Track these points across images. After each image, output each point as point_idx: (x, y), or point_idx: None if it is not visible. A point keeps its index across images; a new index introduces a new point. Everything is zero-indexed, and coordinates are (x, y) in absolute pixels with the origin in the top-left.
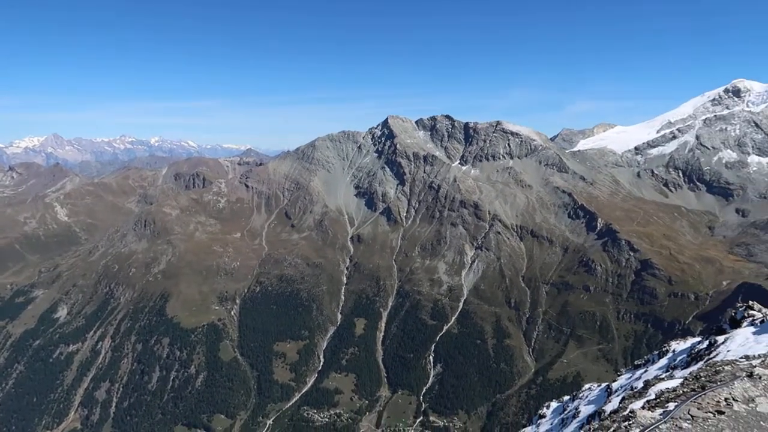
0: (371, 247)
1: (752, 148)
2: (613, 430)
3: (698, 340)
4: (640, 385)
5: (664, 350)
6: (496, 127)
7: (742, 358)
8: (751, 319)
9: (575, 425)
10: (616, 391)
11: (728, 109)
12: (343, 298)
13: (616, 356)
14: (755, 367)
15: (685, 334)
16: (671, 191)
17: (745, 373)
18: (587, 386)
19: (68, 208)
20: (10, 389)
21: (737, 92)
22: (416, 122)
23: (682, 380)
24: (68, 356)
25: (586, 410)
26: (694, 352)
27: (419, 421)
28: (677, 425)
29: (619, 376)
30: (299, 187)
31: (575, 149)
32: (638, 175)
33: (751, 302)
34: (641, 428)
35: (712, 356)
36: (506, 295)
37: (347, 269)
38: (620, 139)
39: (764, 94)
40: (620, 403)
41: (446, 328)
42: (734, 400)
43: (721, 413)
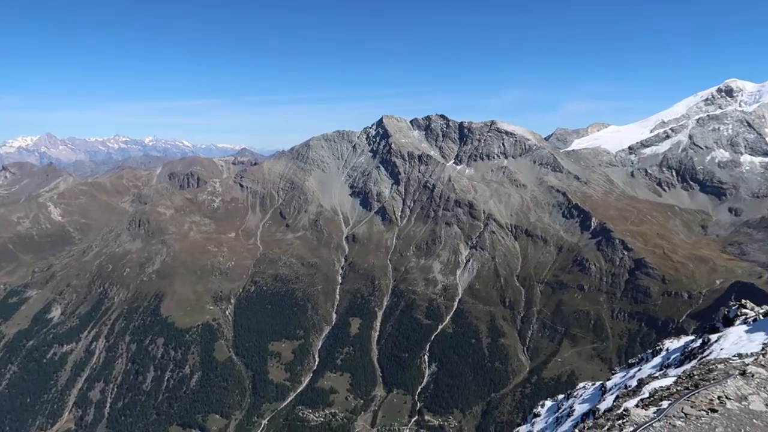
0: (366, 246)
1: (745, 147)
2: (607, 428)
3: (692, 338)
4: (634, 383)
5: (657, 349)
6: (490, 126)
7: (735, 356)
8: (743, 317)
9: (570, 424)
10: (610, 389)
11: (721, 108)
12: (338, 297)
13: (610, 355)
14: (748, 365)
15: (678, 332)
16: (665, 190)
17: (738, 371)
18: (582, 385)
19: (62, 207)
20: (3, 390)
21: (730, 92)
22: (411, 122)
23: (675, 378)
24: (62, 356)
25: (580, 409)
26: (687, 350)
27: (414, 420)
28: (671, 423)
29: (613, 374)
30: (294, 186)
31: (569, 149)
32: (632, 174)
33: (743, 301)
34: (635, 426)
35: (705, 355)
36: (501, 294)
37: (342, 269)
38: (614, 138)
39: (756, 93)
40: (614, 401)
41: (441, 327)
42: (727, 398)
43: (714, 411)
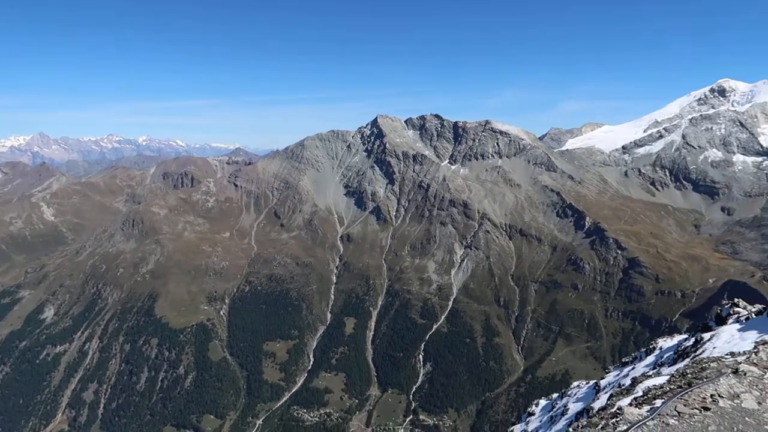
0: (361, 246)
1: (737, 147)
2: (601, 427)
3: (685, 337)
4: (627, 382)
5: (651, 347)
6: (485, 126)
7: (727, 354)
8: (736, 316)
9: (564, 422)
10: (604, 388)
11: (714, 108)
12: (332, 297)
13: (604, 354)
14: (740, 363)
15: (672, 331)
16: (658, 190)
17: (730, 369)
18: (576, 384)
19: (55, 207)
20: None
21: (723, 92)
22: (405, 121)
23: (668, 377)
24: (55, 357)
25: (574, 407)
26: (680, 349)
27: (409, 419)
28: (664, 422)
29: (607, 373)
30: (288, 186)
31: (563, 148)
32: (625, 174)
33: (736, 300)
34: (629, 425)
35: (698, 353)
36: (495, 293)
37: (337, 268)
38: (608, 138)
39: (749, 93)
40: (608, 400)
41: (436, 326)
42: (720, 396)
43: (707, 409)
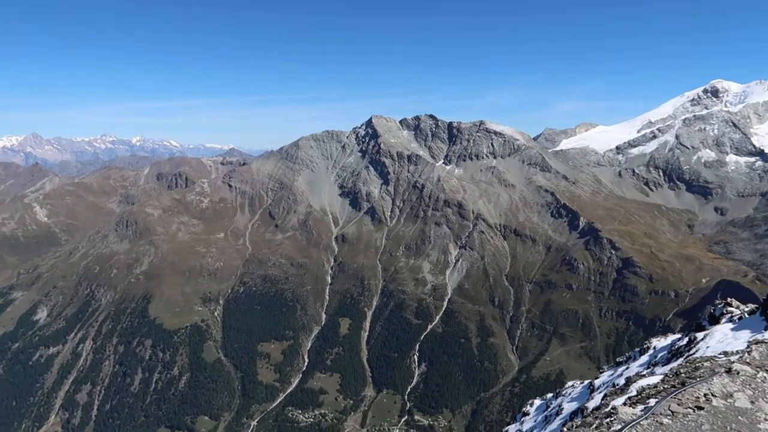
0: (356, 246)
1: (730, 147)
2: (595, 426)
3: (678, 336)
4: (621, 381)
5: (645, 347)
6: (479, 126)
7: (720, 354)
8: (729, 315)
9: (558, 422)
10: (598, 388)
11: (707, 109)
12: (327, 298)
13: (598, 354)
14: (733, 363)
15: (665, 331)
16: (652, 190)
17: (723, 369)
18: (570, 384)
19: (48, 208)
20: None
21: (715, 92)
22: (400, 122)
23: (662, 376)
24: (48, 359)
25: (569, 407)
26: (674, 348)
27: (404, 420)
28: (658, 421)
29: (601, 373)
30: (283, 186)
31: (558, 149)
32: (619, 174)
33: (729, 299)
34: (623, 424)
35: (691, 353)
36: (490, 293)
37: (332, 269)
38: (602, 138)
39: (741, 94)
40: (602, 399)
41: (431, 327)
42: (713, 395)
43: (700, 409)
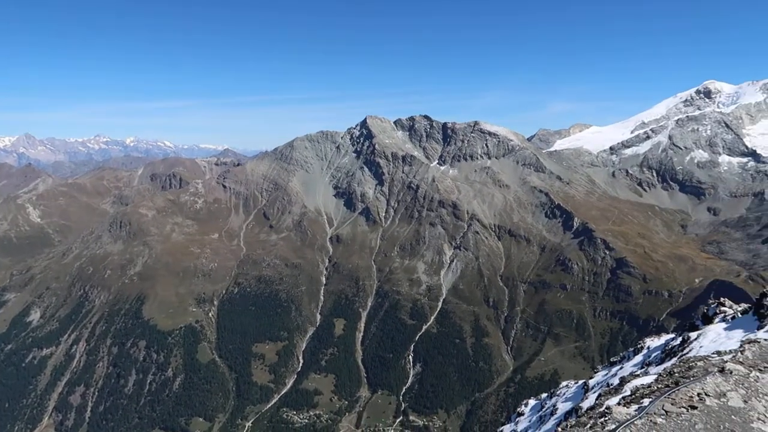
0: (350, 247)
1: (723, 148)
2: (589, 426)
3: (672, 336)
4: (615, 381)
5: (639, 347)
6: (473, 127)
7: (714, 353)
8: (722, 315)
9: (553, 422)
10: (592, 388)
11: (700, 110)
12: (322, 298)
13: (592, 353)
14: (726, 362)
15: (659, 330)
16: (645, 190)
17: (716, 368)
18: (564, 383)
19: (41, 209)
20: None
21: (708, 93)
22: (395, 122)
23: (656, 376)
24: (41, 360)
25: (563, 407)
26: (667, 348)
27: (399, 420)
28: (652, 420)
29: (595, 373)
30: (277, 187)
31: (552, 149)
32: (613, 174)
33: (722, 299)
34: (617, 424)
35: (685, 352)
36: (485, 294)
37: (326, 270)
38: (595, 139)
39: (734, 95)
40: (597, 399)
41: (425, 327)
42: (706, 395)
43: (693, 408)
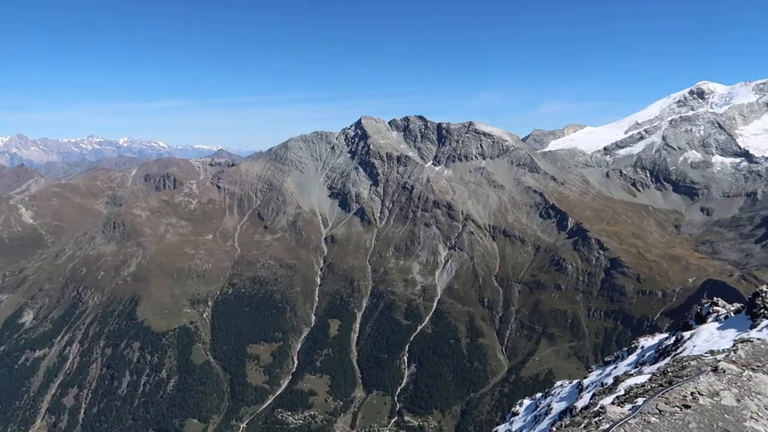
0: (345, 247)
1: (716, 148)
2: (584, 425)
3: (665, 336)
4: (610, 381)
5: (633, 347)
6: (468, 127)
7: (707, 353)
8: (715, 315)
9: (547, 422)
10: (587, 387)
11: (693, 110)
12: (317, 299)
13: (586, 353)
14: (720, 361)
15: (653, 330)
16: (639, 191)
17: (710, 367)
18: (559, 383)
19: (34, 210)
20: None
21: (701, 94)
22: (389, 123)
23: (650, 376)
24: (34, 362)
25: (558, 407)
26: (661, 348)
27: (394, 421)
28: (646, 420)
29: (589, 372)
30: (272, 188)
31: (546, 150)
32: (607, 175)
33: (715, 299)
34: (611, 423)
35: (678, 352)
36: (479, 294)
37: (321, 270)
38: (589, 139)
39: (727, 96)
40: (591, 399)
41: (420, 328)
42: (700, 394)
43: (687, 407)
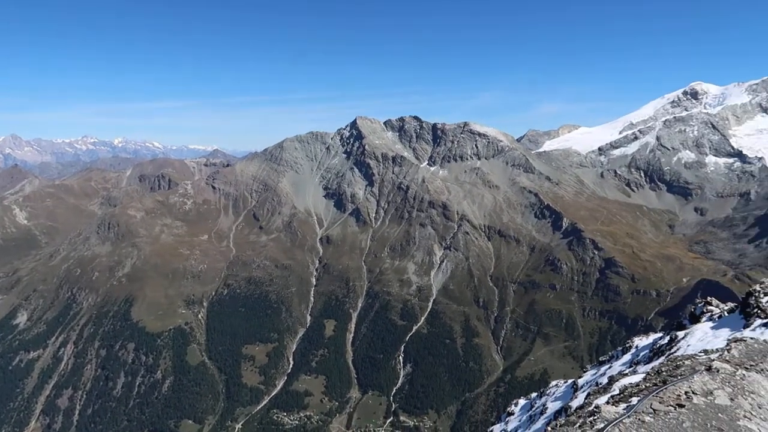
0: (340, 248)
1: (709, 149)
2: (579, 425)
3: (660, 335)
4: (604, 380)
5: (627, 346)
6: (463, 128)
7: (701, 352)
8: (709, 314)
9: (542, 422)
10: (581, 387)
11: (687, 111)
12: (312, 299)
13: (581, 353)
14: (713, 361)
15: (647, 330)
16: (633, 191)
17: (703, 367)
18: (554, 383)
19: (28, 210)
20: None
21: (695, 94)
22: (385, 123)
23: (644, 375)
24: (29, 363)
25: (553, 407)
26: (655, 347)
27: (389, 421)
28: (640, 419)
29: (584, 372)
30: (267, 188)
31: (541, 150)
32: (602, 175)
33: (709, 298)
34: (606, 423)
35: (672, 351)
36: (475, 294)
37: (316, 271)
38: (584, 140)
39: (720, 96)
40: (586, 398)
41: (416, 328)
42: (694, 393)
43: (681, 406)
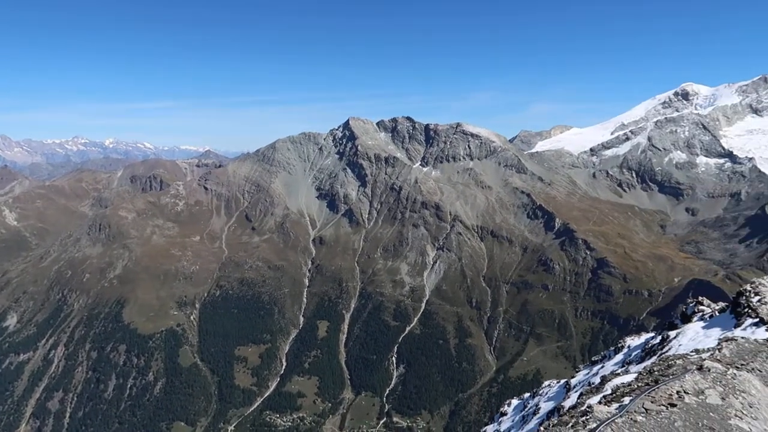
0: (333, 249)
1: (700, 149)
2: (571, 425)
3: (652, 335)
4: (597, 380)
5: (619, 346)
6: (456, 128)
7: (692, 352)
8: (701, 314)
9: (536, 422)
10: (574, 387)
11: (678, 111)
12: (305, 300)
13: (574, 353)
14: (705, 360)
15: (639, 330)
16: (625, 191)
17: (695, 366)
18: (547, 383)
19: (17, 212)
20: None
21: (686, 95)
22: (377, 124)
23: (636, 375)
24: (18, 366)
25: (545, 407)
26: (647, 347)
27: (383, 422)
28: (632, 418)
29: (577, 372)
30: (260, 189)
31: (533, 150)
32: (593, 175)
33: (700, 298)
34: (598, 423)
35: (664, 351)
36: (468, 295)
37: (309, 271)
38: (576, 140)
39: (711, 97)
40: (578, 398)
41: (409, 328)
42: (685, 392)
43: (673, 406)
